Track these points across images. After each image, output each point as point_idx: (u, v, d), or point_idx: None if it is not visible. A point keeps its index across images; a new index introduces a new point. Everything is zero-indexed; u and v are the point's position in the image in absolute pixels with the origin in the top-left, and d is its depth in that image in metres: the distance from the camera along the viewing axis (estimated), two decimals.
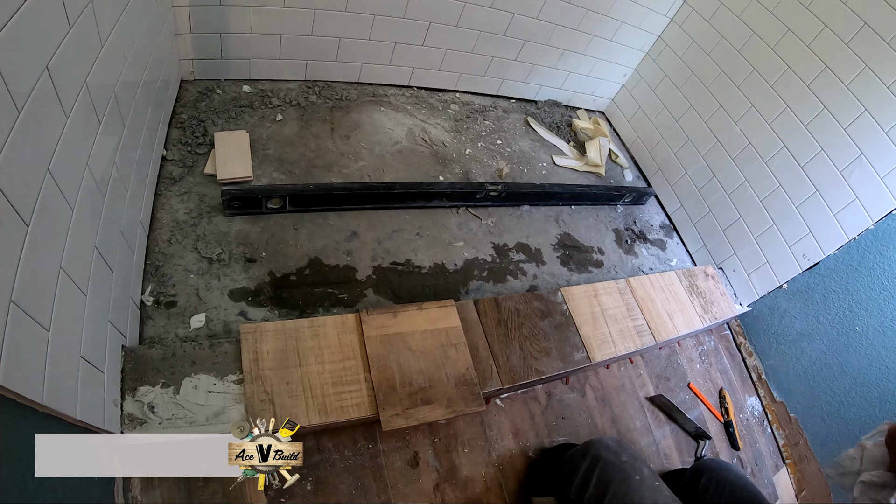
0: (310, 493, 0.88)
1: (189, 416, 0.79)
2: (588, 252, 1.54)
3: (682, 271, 1.48)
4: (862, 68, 1.20)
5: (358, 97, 1.53)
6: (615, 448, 0.88)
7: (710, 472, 1.00)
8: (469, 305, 1.11)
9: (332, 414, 0.86)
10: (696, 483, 1.00)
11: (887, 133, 1.17)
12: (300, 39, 1.35)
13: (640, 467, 0.84)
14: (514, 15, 1.53)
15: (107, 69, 0.75)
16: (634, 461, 0.85)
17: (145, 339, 0.92)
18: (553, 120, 1.89)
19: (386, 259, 1.23)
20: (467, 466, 1.02)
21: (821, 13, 1.28)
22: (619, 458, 0.86)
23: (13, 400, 0.48)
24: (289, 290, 1.09)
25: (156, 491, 0.78)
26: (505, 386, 1.03)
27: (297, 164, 1.30)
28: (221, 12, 1.21)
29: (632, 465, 0.84)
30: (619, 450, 0.88)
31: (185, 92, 1.31)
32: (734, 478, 0.98)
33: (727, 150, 1.56)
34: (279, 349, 0.89)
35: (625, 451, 0.88)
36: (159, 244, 1.04)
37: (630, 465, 0.84)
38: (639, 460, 0.86)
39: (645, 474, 0.83)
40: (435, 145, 1.55)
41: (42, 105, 0.55)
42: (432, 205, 1.37)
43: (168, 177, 1.13)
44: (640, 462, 0.86)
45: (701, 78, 1.62)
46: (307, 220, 1.21)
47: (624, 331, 1.23)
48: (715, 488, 0.96)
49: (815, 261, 1.35)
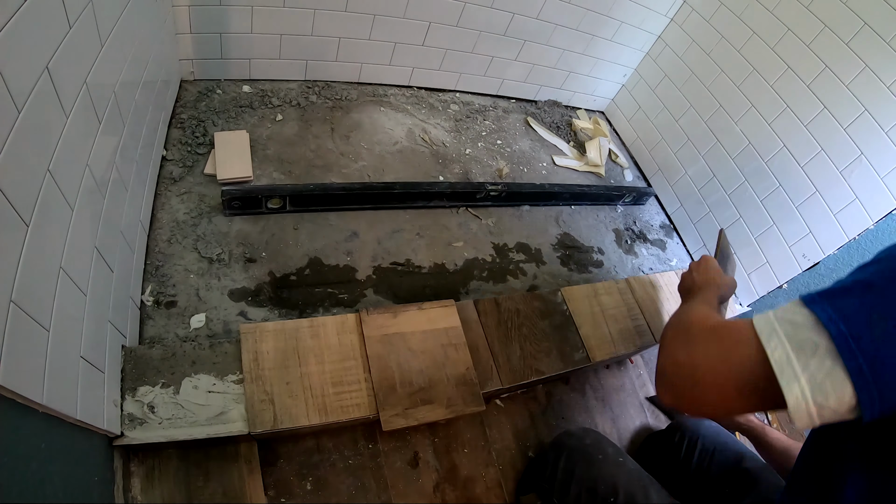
0: (310, 493, 0.88)
1: (189, 416, 0.79)
2: (588, 252, 1.54)
3: (682, 271, 1.48)
4: (862, 68, 1.20)
5: (358, 97, 1.53)
6: (579, 434, 0.91)
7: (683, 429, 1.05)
8: (469, 305, 1.11)
9: (332, 414, 0.86)
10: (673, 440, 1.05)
11: (887, 133, 1.17)
12: (300, 39, 1.35)
13: (603, 447, 0.86)
14: (514, 15, 1.53)
15: (107, 69, 0.75)
16: (598, 443, 0.88)
17: (145, 339, 0.92)
18: (553, 120, 1.89)
19: (386, 259, 1.23)
20: (467, 466, 1.02)
21: (821, 13, 1.28)
22: (583, 441, 0.88)
23: (13, 400, 0.48)
24: (289, 290, 1.09)
25: (156, 491, 0.78)
26: (505, 386, 1.03)
27: (297, 164, 1.30)
28: (221, 12, 1.21)
29: (595, 446, 0.86)
30: (582, 435, 0.91)
31: (185, 92, 1.31)
32: (705, 431, 1.02)
33: (727, 150, 1.55)
34: (279, 349, 0.89)
35: (588, 436, 0.90)
36: (159, 244, 1.04)
37: (593, 446, 0.86)
38: (603, 441, 0.89)
39: (608, 452, 0.85)
40: (435, 145, 1.55)
41: (42, 105, 0.55)
42: (432, 205, 1.37)
43: (168, 177, 1.13)
44: (604, 443, 0.88)
45: (701, 78, 1.62)
46: (307, 220, 1.21)
47: (624, 331, 1.23)
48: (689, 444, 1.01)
49: (815, 261, 1.34)
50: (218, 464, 0.83)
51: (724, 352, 0.47)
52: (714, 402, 0.47)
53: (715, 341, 0.48)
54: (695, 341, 0.51)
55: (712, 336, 0.49)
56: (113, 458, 0.73)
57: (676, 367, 0.51)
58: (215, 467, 0.83)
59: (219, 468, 0.83)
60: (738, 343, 0.46)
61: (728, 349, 0.46)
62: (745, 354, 0.44)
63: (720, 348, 0.47)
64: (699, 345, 0.50)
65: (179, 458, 0.82)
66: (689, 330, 0.54)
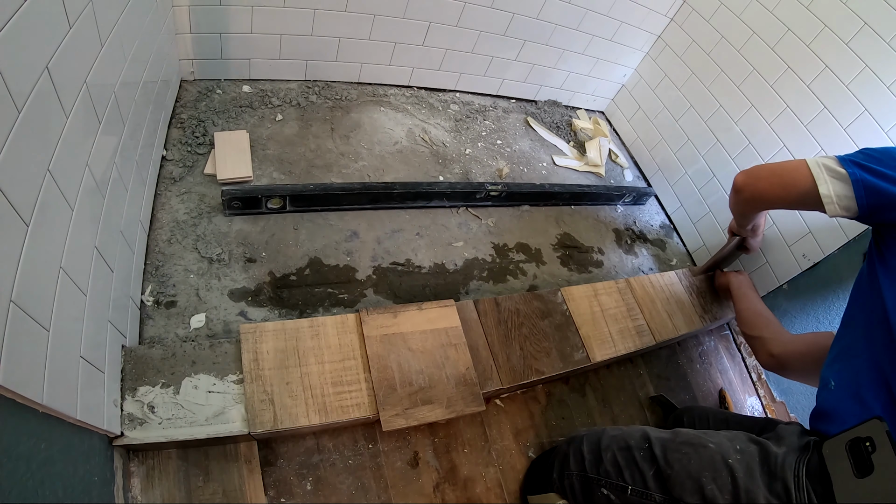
0: (310, 493, 0.88)
1: (189, 416, 0.79)
2: (588, 252, 1.54)
3: (682, 271, 1.48)
4: (862, 68, 1.20)
5: (358, 97, 1.53)
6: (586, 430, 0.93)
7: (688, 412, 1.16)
8: (469, 305, 1.11)
9: (332, 414, 0.86)
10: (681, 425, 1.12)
11: (887, 133, 1.17)
12: (300, 39, 1.35)
13: (605, 429, 0.89)
14: (514, 15, 1.53)
15: (107, 69, 0.75)
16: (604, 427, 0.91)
17: (145, 339, 0.92)
18: (553, 120, 1.89)
19: (386, 259, 1.23)
20: (467, 466, 1.02)
21: (821, 13, 1.28)
22: (591, 428, 0.93)
23: (13, 400, 0.48)
24: (289, 290, 1.09)
25: (156, 491, 0.78)
26: (505, 386, 1.03)
27: (297, 164, 1.30)
28: (221, 12, 1.21)
29: (599, 429, 0.89)
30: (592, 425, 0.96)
31: (185, 92, 1.31)
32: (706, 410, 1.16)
33: (727, 150, 1.55)
34: (279, 349, 0.89)
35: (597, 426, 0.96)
36: (159, 244, 1.04)
37: (598, 430, 0.89)
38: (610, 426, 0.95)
39: (608, 428, 0.89)
40: (435, 145, 1.55)
41: (42, 105, 0.55)
42: (432, 205, 1.37)
43: (168, 177, 1.13)
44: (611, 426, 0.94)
45: (701, 78, 1.62)
46: (307, 220, 1.21)
47: (624, 331, 1.23)
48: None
49: (816, 261, 1.34)
50: (218, 464, 0.83)
51: (790, 168, 0.90)
52: (772, 188, 0.93)
53: (782, 166, 0.93)
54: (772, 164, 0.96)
55: (781, 164, 0.94)
56: (113, 458, 0.73)
57: (759, 169, 0.98)
58: (215, 467, 0.83)
59: (219, 468, 0.83)
60: (797, 167, 0.88)
61: (793, 167, 0.89)
62: (801, 172, 0.86)
63: (787, 166, 0.91)
64: (776, 165, 0.94)
65: (179, 458, 0.82)
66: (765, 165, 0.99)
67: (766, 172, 0.95)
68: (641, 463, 0.77)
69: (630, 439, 0.81)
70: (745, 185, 1.00)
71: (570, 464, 0.88)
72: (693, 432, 0.78)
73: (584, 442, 0.87)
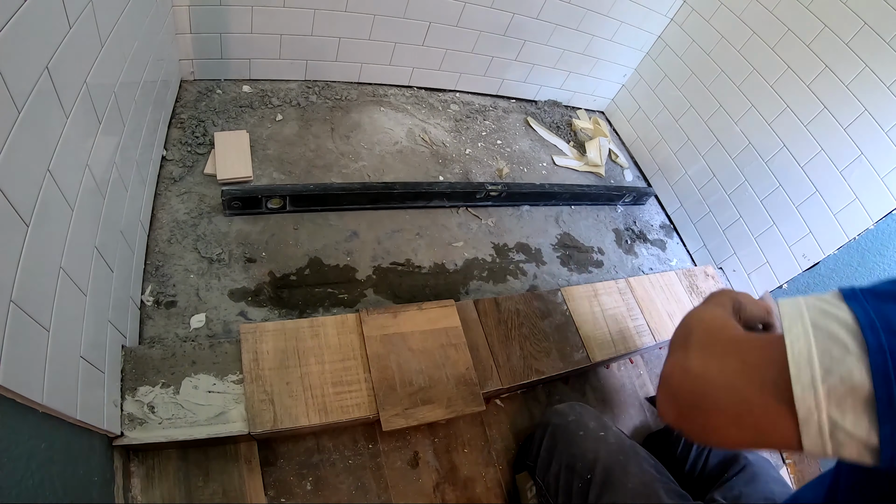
0: (310, 493, 0.88)
1: (189, 416, 0.79)
2: (588, 252, 1.54)
3: (682, 271, 1.48)
4: (862, 68, 1.20)
5: (358, 97, 1.53)
6: (564, 410, 0.91)
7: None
8: (469, 305, 1.11)
9: (333, 414, 0.86)
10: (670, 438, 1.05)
11: (887, 133, 1.17)
12: (300, 39, 1.35)
13: (585, 422, 0.86)
14: (514, 15, 1.53)
15: (107, 69, 0.75)
16: (580, 418, 0.88)
17: (145, 339, 0.92)
18: (553, 120, 1.89)
19: (386, 259, 1.23)
20: (467, 466, 1.02)
21: (821, 13, 1.28)
22: (566, 418, 0.89)
23: (13, 400, 0.48)
24: (289, 290, 1.09)
25: (156, 491, 0.78)
26: (505, 386, 1.03)
27: (297, 164, 1.30)
28: (221, 12, 1.21)
29: (577, 422, 0.87)
30: (567, 411, 0.91)
31: (185, 92, 1.31)
32: None
33: (727, 150, 1.55)
34: (279, 349, 0.89)
35: (573, 412, 0.90)
36: (159, 244, 1.04)
37: (575, 423, 0.86)
38: (587, 416, 0.89)
39: (590, 427, 0.85)
40: (435, 145, 1.55)
41: (42, 105, 0.55)
42: (432, 205, 1.37)
43: (168, 177, 1.13)
44: (587, 417, 0.88)
45: (701, 78, 1.62)
46: (307, 220, 1.21)
47: (624, 331, 1.23)
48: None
49: (815, 261, 1.34)
50: (218, 464, 0.83)
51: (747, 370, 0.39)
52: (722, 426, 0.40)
53: (736, 355, 0.41)
54: (712, 349, 0.43)
55: (734, 348, 0.42)
56: (113, 458, 0.73)
57: (684, 375, 0.43)
58: (215, 467, 0.83)
59: (219, 468, 0.83)
60: (766, 363, 0.38)
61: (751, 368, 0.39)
62: (769, 378, 0.36)
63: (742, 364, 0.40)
64: (716, 357, 0.42)
65: (179, 458, 0.82)
66: (711, 334, 0.46)
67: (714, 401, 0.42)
68: (575, 497, 0.76)
69: (580, 461, 0.79)
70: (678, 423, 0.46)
71: (532, 451, 0.89)
72: (644, 483, 0.73)
73: (546, 437, 0.87)
